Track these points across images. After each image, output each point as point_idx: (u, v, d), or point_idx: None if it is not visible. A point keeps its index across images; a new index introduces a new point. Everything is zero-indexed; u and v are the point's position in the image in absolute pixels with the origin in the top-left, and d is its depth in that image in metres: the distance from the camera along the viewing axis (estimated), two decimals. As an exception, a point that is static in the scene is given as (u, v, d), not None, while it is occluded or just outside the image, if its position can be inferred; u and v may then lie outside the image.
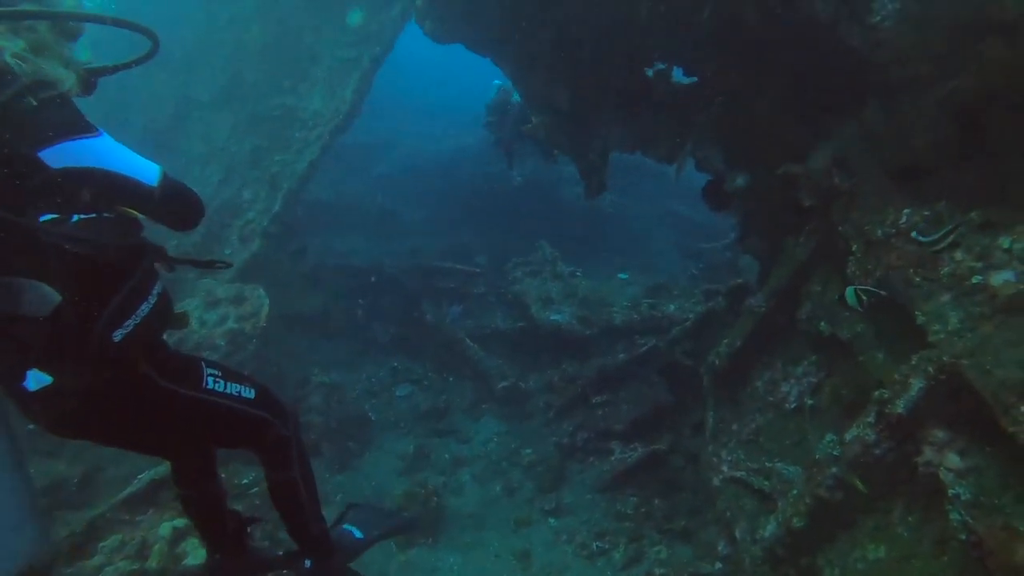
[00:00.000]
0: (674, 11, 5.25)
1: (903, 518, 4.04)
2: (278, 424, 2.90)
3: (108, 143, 2.32)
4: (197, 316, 6.20)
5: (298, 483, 3.05)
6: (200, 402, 2.64)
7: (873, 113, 4.61)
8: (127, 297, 2.30)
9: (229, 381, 2.75)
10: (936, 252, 3.95)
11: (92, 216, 2.27)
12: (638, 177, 12.18)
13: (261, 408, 2.83)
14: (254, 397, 2.81)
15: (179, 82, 8.88)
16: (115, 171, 2.28)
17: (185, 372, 2.66)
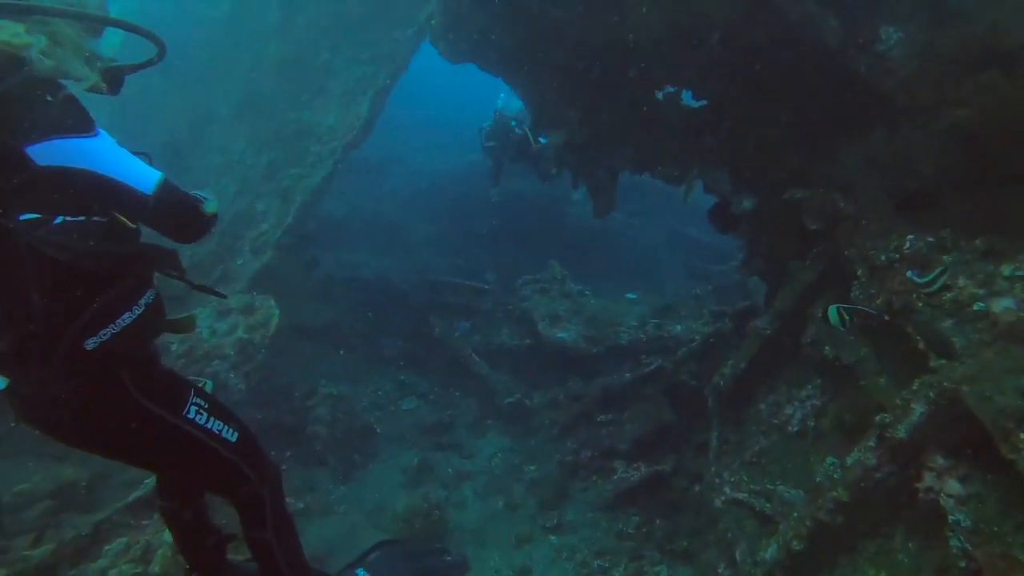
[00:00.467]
0: (683, 36, 5.34)
1: (904, 544, 4.04)
2: (253, 480, 2.73)
3: (104, 145, 2.23)
4: (208, 325, 6.29)
5: (271, 543, 2.87)
6: (174, 428, 2.49)
7: (877, 139, 4.66)
8: (106, 305, 2.19)
9: (213, 416, 2.60)
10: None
11: (79, 219, 2.17)
12: (649, 198, 12.26)
13: (239, 456, 2.66)
14: (235, 441, 2.65)
15: (199, 96, 9.08)
16: (105, 174, 2.18)
17: (169, 394, 2.52)
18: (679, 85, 6.11)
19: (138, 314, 2.27)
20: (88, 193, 2.16)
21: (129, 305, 2.26)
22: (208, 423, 2.57)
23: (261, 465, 2.78)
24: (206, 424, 2.56)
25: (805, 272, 5.43)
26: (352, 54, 7.81)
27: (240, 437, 2.68)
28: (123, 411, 2.37)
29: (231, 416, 2.71)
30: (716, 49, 5.36)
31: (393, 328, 8.37)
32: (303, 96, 7.94)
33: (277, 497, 2.92)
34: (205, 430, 2.55)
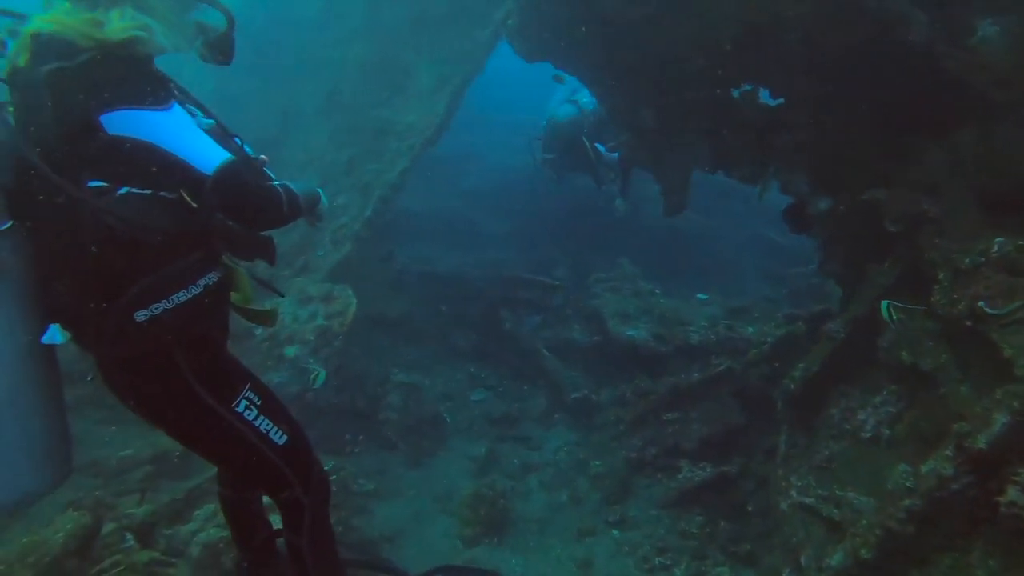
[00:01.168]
0: (761, 35, 5.28)
1: (983, 560, 3.89)
2: (296, 487, 2.69)
3: (175, 119, 2.18)
4: (290, 312, 6.64)
5: (303, 551, 2.81)
6: (220, 419, 2.45)
7: (967, 137, 4.49)
8: (159, 280, 2.18)
9: (263, 415, 2.53)
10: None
11: (146, 193, 2.18)
12: (728, 199, 12.05)
13: (284, 460, 2.60)
14: (282, 444, 2.58)
15: (287, 95, 9.54)
16: (167, 149, 2.13)
17: (222, 382, 2.48)
18: (756, 83, 6.04)
19: (195, 294, 2.25)
20: (152, 166, 2.14)
21: (185, 284, 2.23)
22: (256, 420, 2.51)
23: (307, 473, 2.73)
24: (254, 421, 2.50)
25: (882, 275, 5.27)
26: (431, 54, 8.06)
27: (289, 441, 2.61)
28: (172, 391, 2.36)
29: (284, 417, 2.65)
30: (795, 47, 5.28)
31: (465, 321, 8.57)
32: (384, 94, 8.24)
33: (319, 506, 2.86)
34: (252, 427, 2.50)
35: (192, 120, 2.29)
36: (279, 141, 9.34)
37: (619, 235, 10.70)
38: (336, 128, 8.66)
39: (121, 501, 4.28)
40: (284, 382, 6.40)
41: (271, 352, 6.51)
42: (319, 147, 8.75)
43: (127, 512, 4.17)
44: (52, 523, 3.89)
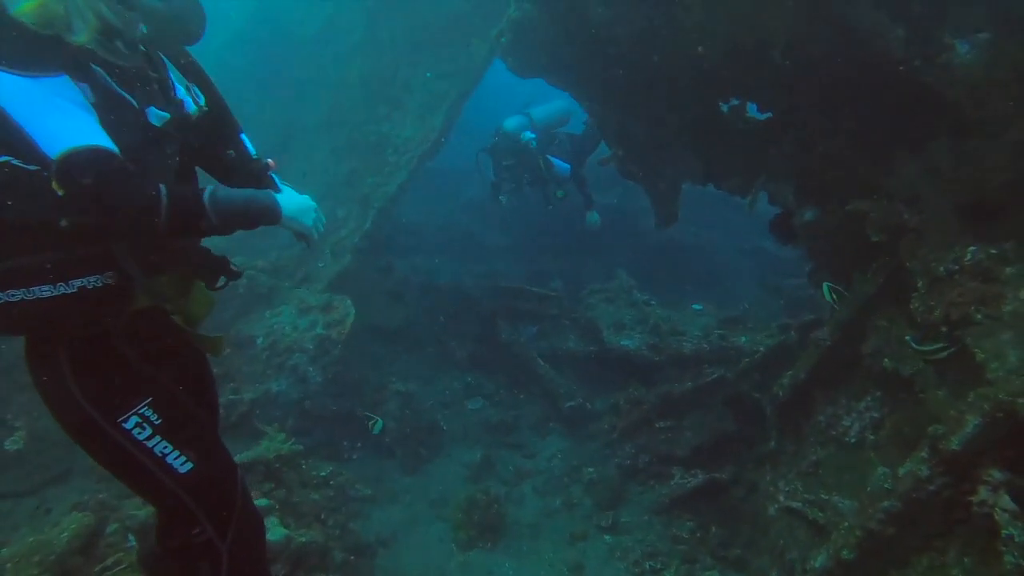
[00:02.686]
0: (745, 51, 5.44)
1: (959, 559, 3.99)
2: (207, 527, 2.23)
3: (42, 90, 1.87)
4: (291, 321, 6.80)
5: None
6: (100, 432, 2.14)
7: (941, 150, 4.63)
8: (21, 266, 1.96)
9: (162, 437, 2.15)
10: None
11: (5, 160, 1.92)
12: (724, 211, 12.19)
13: (187, 491, 2.19)
14: (185, 473, 2.17)
15: (290, 109, 9.76)
16: (15, 120, 1.86)
17: (112, 393, 2.15)
18: (744, 97, 6.19)
19: (64, 293, 1.99)
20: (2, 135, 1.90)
21: (51, 279, 1.98)
22: (150, 442, 2.13)
23: (226, 513, 2.26)
24: (146, 442, 2.13)
25: (866, 284, 5.40)
26: (429, 70, 8.27)
27: (196, 471, 2.19)
28: (50, 387, 2.14)
29: (196, 444, 2.23)
30: (779, 62, 5.44)
31: (463, 331, 8.70)
32: (383, 109, 8.45)
33: (243, 563, 2.33)
34: (144, 448, 2.14)
35: (75, 97, 1.94)
36: (281, 154, 9.57)
37: (617, 247, 10.85)
38: (337, 141, 8.87)
39: (124, 503, 4.40)
40: (284, 390, 6.55)
41: (271, 361, 6.67)
42: (320, 160, 8.95)
43: (130, 513, 4.30)
44: (58, 524, 4.03)
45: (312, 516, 5.26)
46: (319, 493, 5.67)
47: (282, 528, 4.78)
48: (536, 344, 8.18)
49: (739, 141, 6.30)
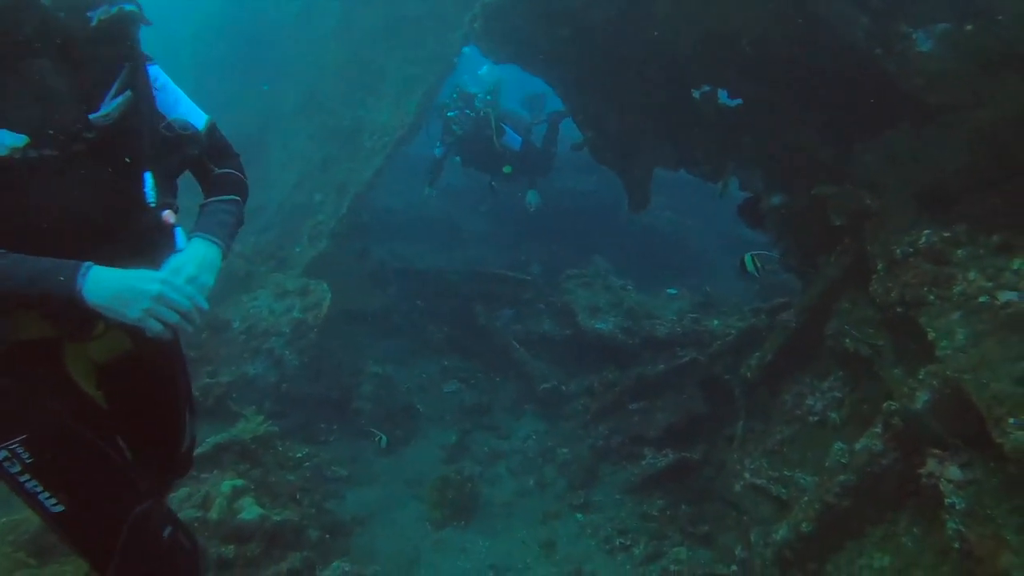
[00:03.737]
0: (716, 39, 5.53)
1: (909, 529, 4.16)
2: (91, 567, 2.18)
3: None
4: (267, 305, 6.85)
5: None
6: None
7: (901, 136, 4.76)
8: None
9: (31, 476, 2.02)
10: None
11: None
12: (702, 197, 12.31)
13: (62, 531, 2.10)
14: (57, 514, 2.05)
15: (268, 95, 9.74)
16: None
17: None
18: (715, 85, 6.29)
19: None
20: None
21: None
22: (21, 478, 2.02)
23: (101, 559, 2.13)
24: (17, 477, 2.02)
25: (831, 267, 5.54)
26: (404, 56, 8.29)
27: (68, 514, 2.05)
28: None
29: (72, 488, 2.07)
30: (747, 51, 5.54)
31: (441, 316, 8.78)
32: (359, 95, 8.47)
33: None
34: (15, 481, 2.03)
35: None
36: (260, 140, 9.55)
37: (595, 233, 10.96)
38: (314, 127, 8.88)
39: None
40: (260, 373, 6.60)
41: (248, 344, 6.72)
42: (298, 146, 8.96)
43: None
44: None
45: (288, 496, 5.34)
46: (295, 474, 5.75)
47: (257, 507, 4.87)
48: (512, 328, 8.28)
49: (710, 127, 6.41)
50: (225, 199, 2.33)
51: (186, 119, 2.22)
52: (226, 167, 2.41)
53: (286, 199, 8.35)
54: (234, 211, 2.34)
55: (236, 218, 2.34)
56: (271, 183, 8.82)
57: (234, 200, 2.36)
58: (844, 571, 4.35)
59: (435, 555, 5.51)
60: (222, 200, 2.32)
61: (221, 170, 2.39)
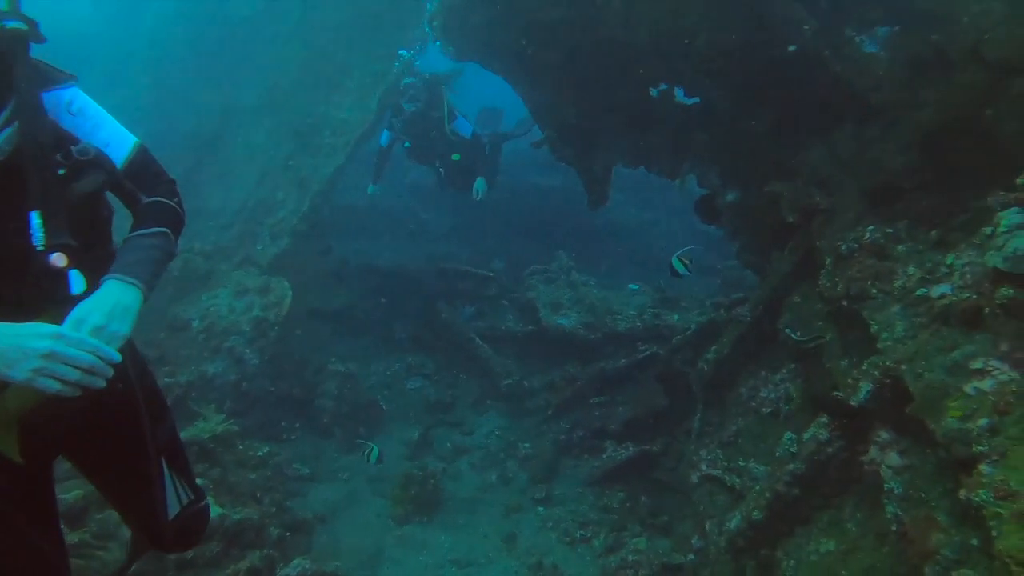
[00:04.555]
0: (671, 39, 5.64)
1: (852, 514, 4.32)
2: None
3: None
4: (227, 303, 6.79)
5: None
6: None
7: (847, 135, 4.91)
8: None
9: None
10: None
11: None
12: (666, 194, 12.49)
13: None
14: None
15: (228, 90, 9.62)
16: None
17: None
18: (672, 83, 6.41)
19: None
20: None
21: None
22: None
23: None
24: None
25: (783, 262, 5.69)
26: (366, 52, 8.27)
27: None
28: None
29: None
30: (703, 50, 5.65)
31: (405, 313, 8.79)
32: (321, 91, 8.43)
33: None
34: None
35: None
36: (220, 137, 9.44)
37: (560, 229, 11.04)
38: (275, 124, 8.81)
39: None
40: (220, 372, 6.55)
41: (207, 343, 6.66)
42: (259, 142, 8.87)
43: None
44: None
45: (248, 495, 5.33)
46: (256, 472, 5.73)
47: (216, 507, 4.84)
48: (475, 324, 8.32)
49: (667, 125, 6.52)
50: (150, 232, 2.10)
51: (97, 145, 2.04)
52: (156, 194, 2.19)
53: (248, 196, 8.28)
54: (160, 244, 2.10)
55: (163, 252, 2.10)
56: (233, 180, 8.73)
57: (161, 232, 2.11)
58: (793, 556, 4.50)
59: (397, 550, 5.54)
60: (146, 233, 2.09)
61: (150, 199, 2.17)
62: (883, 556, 3.94)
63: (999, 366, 3.12)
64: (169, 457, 2.32)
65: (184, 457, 2.45)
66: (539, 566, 5.37)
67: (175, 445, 2.38)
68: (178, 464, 2.37)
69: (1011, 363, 3.06)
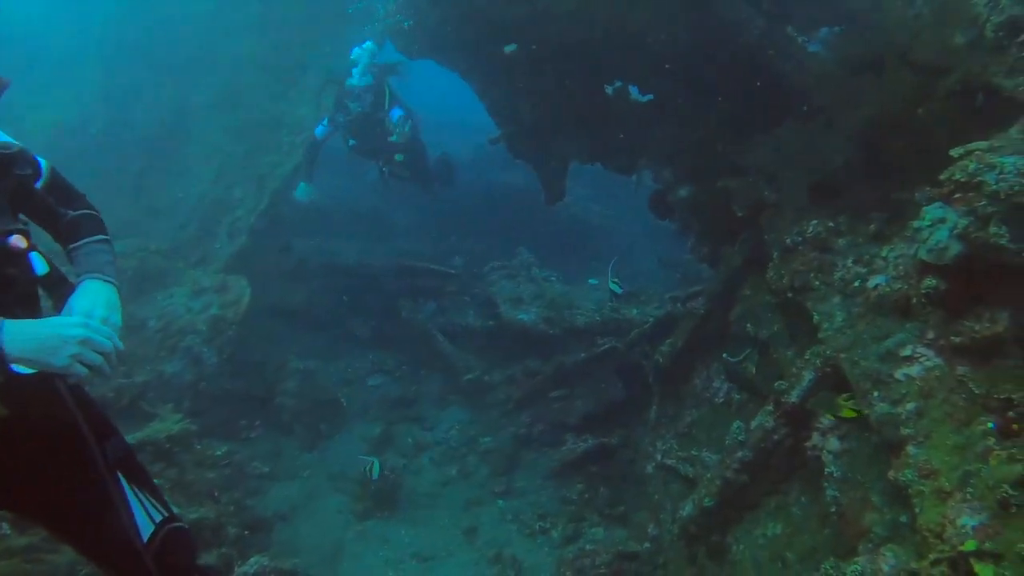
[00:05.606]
0: (626, 36, 5.74)
1: (798, 498, 4.48)
2: None
3: None
4: (184, 303, 6.73)
5: None
6: None
7: (785, 133, 5.07)
8: None
9: None
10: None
11: None
12: (627, 189, 12.63)
13: None
14: None
15: (183, 87, 9.47)
16: None
17: None
18: (626, 80, 6.51)
19: None
20: None
21: None
22: None
23: None
24: None
25: (733, 256, 5.84)
26: (323, 49, 8.23)
27: None
28: None
29: None
30: (654, 48, 5.77)
31: (366, 310, 8.78)
32: (278, 88, 8.37)
33: None
34: None
35: None
36: (175, 134, 9.30)
37: (523, 225, 11.11)
38: (232, 120, 8.72)
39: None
40: (178, 372, 6.50)
41: (164, 343, 6.59)
42: (216, 139, 8.78)
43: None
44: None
45: (206, 494, 5.31)
46: (215, 472, 5.70)
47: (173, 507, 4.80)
48: (436, 320, 8.36)
49: (622, 122, 6.63)
50: (97, 239, 2.26)
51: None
52: (81, 208, 2.30)
53: (205, 194, 8.19)
54: (110, 250, 2.28)
55: (114, 257, 2.29)
56: (189, 178, 8.62)
57: (107, 240, 2.29)
58: (742, 541, 4.65)
59: (358, 546, 5.58)
60: (96, 240, 2.25)
61: (77, 212, 2.28)
62: (825, 537, 4.10)
63: (926, 352, 3.27)
64: (127, 472, 2.19)
65: (146, 471, 2.32)
66: (499, 558, 5.45)
67: (131, 460, 2.25)
68: (139, 479, 2.24)
69: (936, 350, 3.22)
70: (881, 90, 4.42)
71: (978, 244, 2.93)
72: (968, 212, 2.95)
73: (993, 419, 2.78)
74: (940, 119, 3.88)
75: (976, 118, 3.76)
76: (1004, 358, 2.91)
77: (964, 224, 2.97)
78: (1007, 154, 2.92)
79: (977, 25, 3.56)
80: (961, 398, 3.00)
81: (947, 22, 3.80)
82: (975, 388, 2.93)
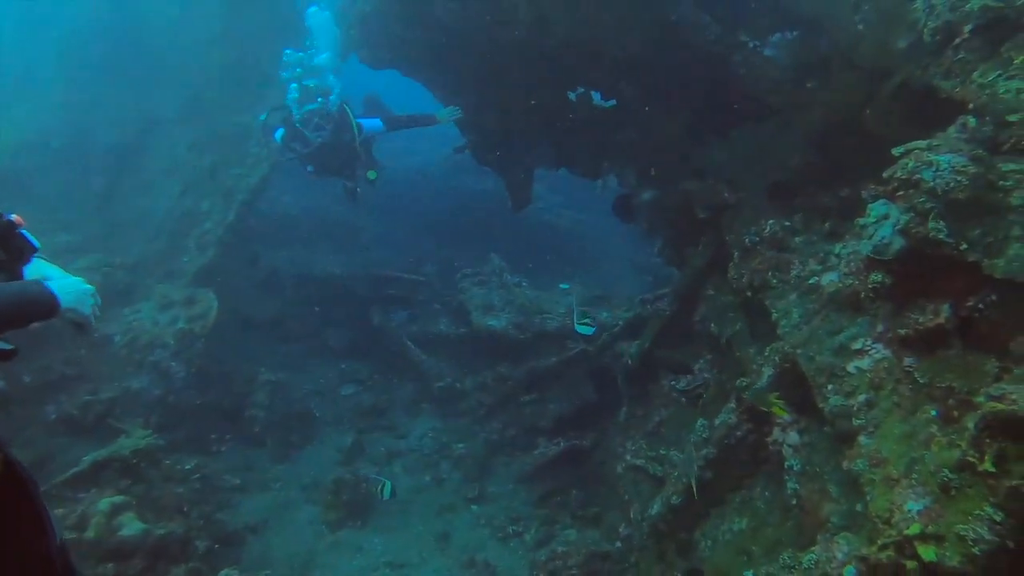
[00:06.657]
0: (586, 42, 5.83)
1: (762, 492, 4.55)
2: None
3: None
4: (151, 317, 6.66)
5: None
6: None
7: (742, 135, 5.19)
8: None
9: None
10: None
11: None
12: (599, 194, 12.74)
13: None
14: None
15: (147, 100, 9.38)
16: None
17: None
18: (588, 86, 6.60)
19: None
20: None
21: None
22: None
23: None
24: None
25: (697, 257, 5.94)
26: (288, 61, 8.21)
27: None
28: None
29: None
30: (615, 54, 5.86)
31: (338, 320, 8.76)
32: (244, 100, 8.33)
33: None
34: None
35: None
36: (140, 147, 9.22)
37: (495, 232, 11.16)
38: (198, 133, 8.66)
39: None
40: (145, 387, 6.43)
41: (131, 358, 6.52)
42: (182, 152, 8.71)
43: None
44: None
45: (174, 509, 5.26)
46: (184, 486, 5.65)
47: (139, 523, 4.78)
48: (408, 328, 8.37)
49: (586, 128, 6.72)
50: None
51: None
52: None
53: (172, 207, 8.11)
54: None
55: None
56: (155, 192, 8.54)
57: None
58: (709, 537, 4.72)
59: (331, 556, 5.56)
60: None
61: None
62: (787, 530, 4.17)
63: (875, 346, 3.37)
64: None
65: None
66: (472, 563, 5.47)
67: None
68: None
69: (884, 342, 3.31)
70: (829, 92, 4.55)
71: (919, 239, 3.03)
72: (909, 208, 3.05)
73: (936, 407, 2.87)
74: (884, 118, 3.99)
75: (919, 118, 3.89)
76: (946, 348, 3.01)
77: (905, 220, 3.07)
78: (943, 152, 3.03)
79: (916, 30, 3.68)
80: (907, 388, 3.09)
81: (889, 27, 3.92)
82: (920, 378, 3.02)
